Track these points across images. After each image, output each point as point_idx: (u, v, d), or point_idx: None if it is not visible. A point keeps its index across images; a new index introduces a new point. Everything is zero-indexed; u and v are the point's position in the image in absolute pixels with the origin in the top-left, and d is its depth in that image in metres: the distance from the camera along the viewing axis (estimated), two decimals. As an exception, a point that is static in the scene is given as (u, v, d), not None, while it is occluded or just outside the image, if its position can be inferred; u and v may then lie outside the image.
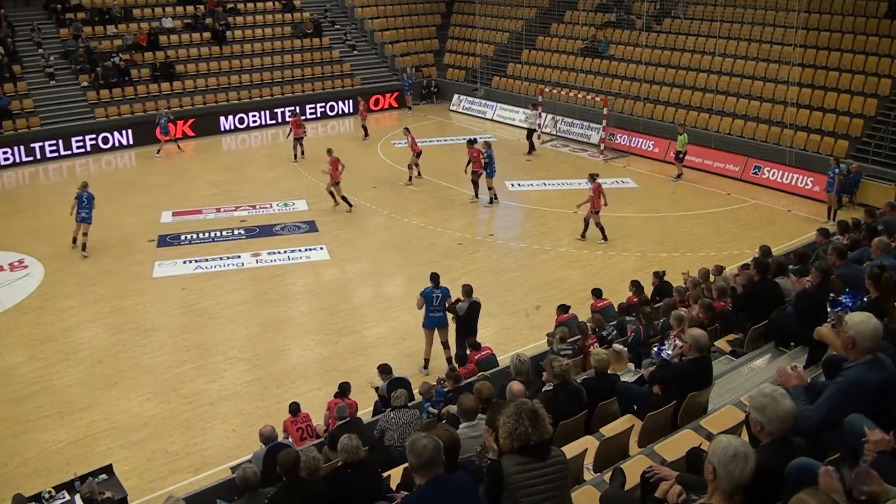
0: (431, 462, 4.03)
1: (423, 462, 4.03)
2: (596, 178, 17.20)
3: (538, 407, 4.30)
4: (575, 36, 30.03)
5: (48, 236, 18.11)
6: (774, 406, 3.87)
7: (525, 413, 4.21)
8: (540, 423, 4.23)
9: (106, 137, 25.78)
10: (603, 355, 7.45)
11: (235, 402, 11.52)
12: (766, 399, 3.91)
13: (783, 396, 3.92)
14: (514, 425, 4.20)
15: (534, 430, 4.18)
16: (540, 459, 4.24)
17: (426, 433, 4.34)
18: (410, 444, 4.11)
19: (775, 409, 3.87)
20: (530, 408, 4.26)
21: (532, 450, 4.21)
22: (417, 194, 20.91)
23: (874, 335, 4.50)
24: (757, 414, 3.94)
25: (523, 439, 4.18)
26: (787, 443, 3.92)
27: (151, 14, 30.20)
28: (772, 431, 3.90)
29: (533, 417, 4.20)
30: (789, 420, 3.89)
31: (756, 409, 3.95)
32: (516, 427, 4.19)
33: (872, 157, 19.96)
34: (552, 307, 12.41)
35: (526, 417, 4.19)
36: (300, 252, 17.20)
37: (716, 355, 8.56)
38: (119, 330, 13.84)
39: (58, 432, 10.78)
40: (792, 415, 3.90)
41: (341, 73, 31.54)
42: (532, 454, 4.22)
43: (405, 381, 9.94)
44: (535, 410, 4.25)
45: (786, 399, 3.91)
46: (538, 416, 4.23)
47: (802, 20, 23.49)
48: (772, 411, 3.88)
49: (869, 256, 8.62)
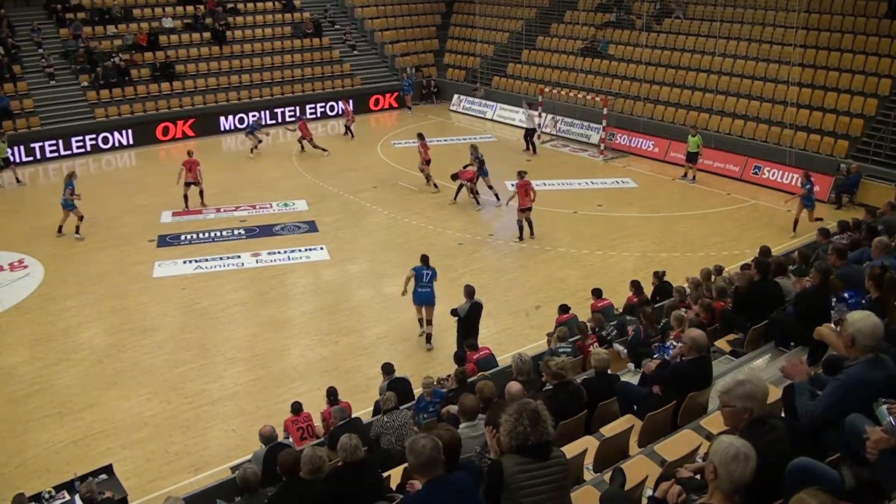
0: (431, 462, 4.03)
1: (423, 462, 4.03)
2: (524, 176, 17.27)
3: (541, 408, 4.27)
4: (575, 36, 30.04)
5: (48, 236, 18.11)
6: (750, 387, 4.04)
7: (526, 413, 4.19)
8: (540, 423, 4.19)
9: (106, 137, 25.82)
10: (603, 355, 7.45)
11: (235, 402, 11.52)
12: (735, 383, 4.10)
13: (754, 377, 4.19)
14: (514, 424, 4.18)
15: (533, 430, 4.16)
16: (540, 460, 4.22)
17: (426, 433, 4.33)
18: (410, 445, 4.10)
19: (751, 389, 4.03)
20: (532, 408, 4.23)
21: (532, 450, 4.18)
22: (417, 194, 20.90)
23: (872, 333, 4.49)
24: (734, 395, 4.08)
25: (521, 439, 4.16)
26: (766, 423, 4.01)
27: (151, 14, 30.22)
28: (752, 408, 4.01)
29: (533, 418, 4.18)
30: (765, 398, 4.06)
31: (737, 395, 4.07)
32: (515, 426, 4.17)
33: (872, 157, 19.96)
34: (552, 307, 12.42)
35: (526, 417, 4.17)
36: (300, 252, 17.20)
37: (716, 355, 8.55)
38: (119, 330, 13.84)
39: (58, 432, 10.78)
40: (765, 392, 4.08)
41: (341, 74, 31.54)
42: (532, 454, 4.20)
43: (406, 382, 9.95)
44: (537, 411, 4.22)
45: (757, 379, 4.17)
46: (539, 417, 4.20)
47: (802, 20, 23.49)
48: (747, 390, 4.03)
49: (869, 256, 8.63)
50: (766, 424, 3.98)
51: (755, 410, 3.99)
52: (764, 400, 4.05)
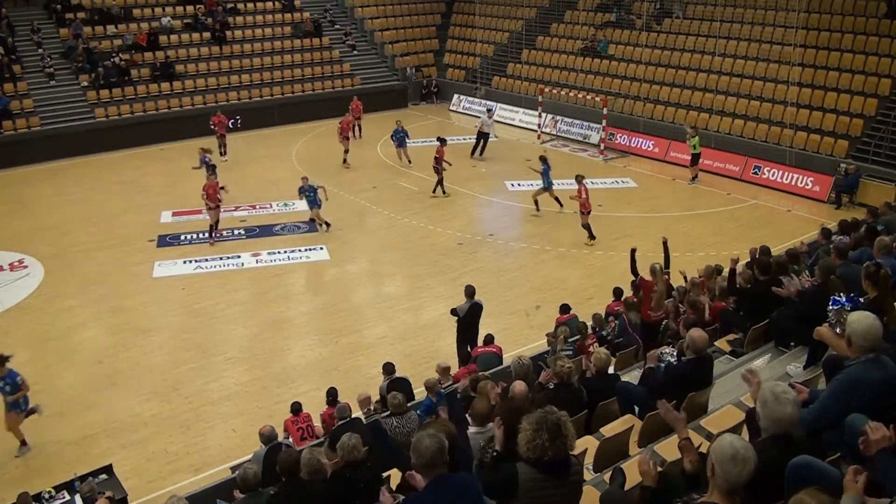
0: (434, 462, 3.96)
1: (426, 462, 3.97)
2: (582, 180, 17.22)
3: (563, 420, 4.03)
4: (575, 36, 30.03)
5: (48, 236, 18.11)
6: (774, 406, 3.88)
7: (547, 425, 3.96)
8: (559, 437, 3.96)
9: (106, 137, 25.65)
10: (603, 355, 7.44)
11: (235, 402, 11.52)
12: (770, 397, 3.91)
13: (788, 402, 3.87)
14: (533, 435, 3.97)
15: (551, 444, 3.93)
16: (556, 477, 4.03)
17: (429, 432, 4.22)
18: (414, 444, 4.04)
19: (773, 409, 3.88)
20: (554, 420, 3.99)
21: (548, 466, 3.98)
22: (417, 194, 20.89)
23: (868, 332, 4.48)
24: (759, 406, 3.99)
25: (538, 452, 3.96)
26: (786, 440, 3.90)
27: (151, 14, 30.20)
28: (767, 428, 3.92)
29: (554, 430, 3.95)
30: (783, 425, 3.87)
31: (760, 401, 3.98)
32: (534, 438, 3.96)
33: (872, 157, 19.95)
34: (552, 307, 12.41)
35: (546, 430, 3.95)
36: (300, 252, 17.20)
37: (716, 355, 8.56)
38: (119, 330, 13.84)
39: (58, 432, 10.78)
40: (788, 421, 3.87)
41: (341, 73, 31.53)
42: (548, 470, 3.99)
43: (406, 382, 9.92)
44: (559, 424, 3.98)
45: (789, 406, 3.86)
46: (560, 430, 3.97)
47: (802, 20, 23.47)
48: (769, 411, 3.90)
49: (870, 256, 8.61)
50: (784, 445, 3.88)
51: (761, 421, 3.96)
52: (769, 420, 3.92)
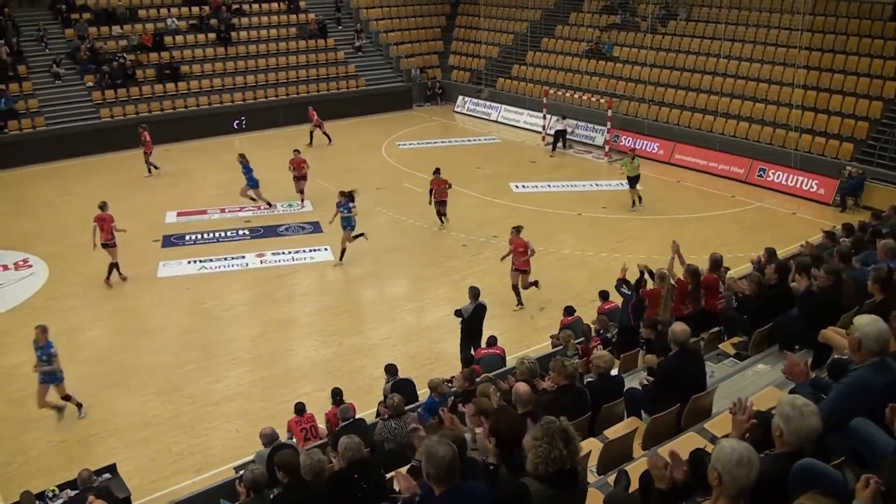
0: (451, 471, 3.85)
1: (443, 473, 3.84)
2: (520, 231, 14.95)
3: (566, 424, 3.98)
4: (579, 38, 30.01)
5: (53, 236, 18.16)
6: (799, 421, 3.75)
7: (557, 434, 3.87)
8: (572, 442, 3.89)
9: (111, 137, 25.71)
10: (607, 357, 7.43)
11: (239, 403, 11.53)
12: (794, 412, 3.77)
13: (811, 413, 3.78)
14: (549, 449, 3.82)
15: (568, 451, 3.85)
16: (566, 490, 3.93)
17: (440, 439, 4.06)
18: (428, 453, 3.89)
19: (799, 424, 3.75)
20: (561, 427, 3.92)
21: (559, 479, 3.87)
22: (421, 196, 20.87)
23: (879, 337, 4.46)
24: (781, 421, 3.82)
25: (559, 463, 3.83)
26: (800, 457, 3.79)
27: (157, 15, 30.28)
28: (790, 443, 3.79)
29: (565, 438, 3.87)
30: (811, 437, 3.76)
31: (781, 416, 3.82)
32: (550, 451, 3.81)
33: (877, 159, 19.90)
34: (556, 309, 12.39)
35: (559, 439, 3.85)
36: (304, 253, 17.21)
37: (720, 358, 8.55)
38: (123, 330, 13.87)
39: (61, 431, 10.80)
40: (815, 433, 3.77)
41: (346, 75, 31.56)
42: (559, 485, 3.88)
43: (409, 382, 9.92)
44: (565, 430, 3.92)
45: (813, 417, 3.77)
46: (569, 436, 3.90)
47: (807, 23, 23.41)
48: (795, 426, 3.76)
49: (874, 259, 8.59)
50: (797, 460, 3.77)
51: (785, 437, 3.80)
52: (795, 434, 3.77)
